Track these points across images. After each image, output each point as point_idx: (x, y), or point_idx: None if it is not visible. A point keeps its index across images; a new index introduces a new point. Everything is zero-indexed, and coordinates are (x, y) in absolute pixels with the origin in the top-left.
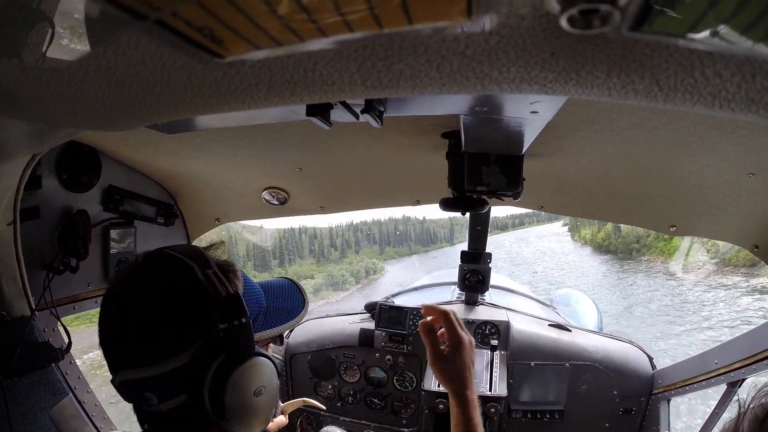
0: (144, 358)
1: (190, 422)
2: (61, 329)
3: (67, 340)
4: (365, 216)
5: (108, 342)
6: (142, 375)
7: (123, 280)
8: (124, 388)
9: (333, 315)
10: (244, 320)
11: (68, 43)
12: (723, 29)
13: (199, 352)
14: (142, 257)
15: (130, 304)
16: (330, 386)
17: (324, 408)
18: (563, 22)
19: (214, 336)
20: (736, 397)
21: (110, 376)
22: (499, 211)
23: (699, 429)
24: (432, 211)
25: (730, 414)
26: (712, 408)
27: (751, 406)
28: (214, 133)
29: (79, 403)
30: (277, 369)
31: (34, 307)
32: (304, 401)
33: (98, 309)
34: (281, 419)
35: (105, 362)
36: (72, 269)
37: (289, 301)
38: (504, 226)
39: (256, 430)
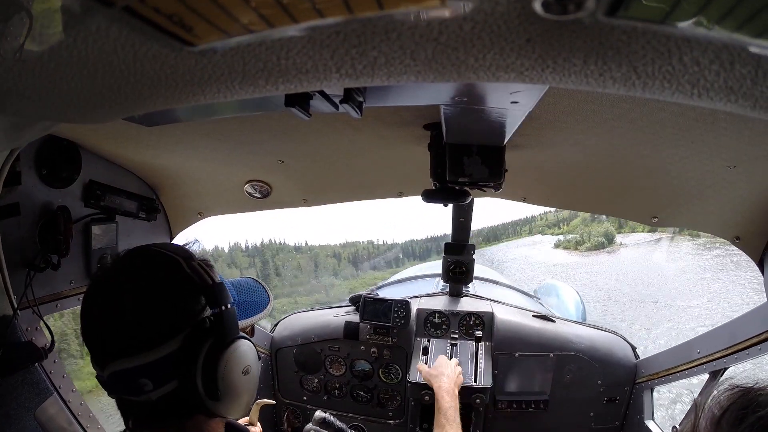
0: (138, 345)
1: (179, 408)
2: (44, 328)
3: (50, 339)
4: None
5: (96, 335)
6: (137, 363)
7: (109, 274)
8: (115, 379)
9: (318, 308)
10: (229, 305)
11: (36, 33)
12: (700, 15)
13: (188, 337)
14: (126, 253)
15: (120, 295)
16: (316, 380)
17: (274, 402)
18: (537, 7)
19: (202, 321)
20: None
21: None
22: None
23: (683, 417)
24: (321, 237)
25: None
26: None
27: (708, 405)
28: (194, 125)
29: (64, 402)
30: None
31: (15, 306)
32: (256, 404)
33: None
34: (255, 429)
35: None
36: (53, 266)
37: (256, 295)
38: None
39: (242, 409)
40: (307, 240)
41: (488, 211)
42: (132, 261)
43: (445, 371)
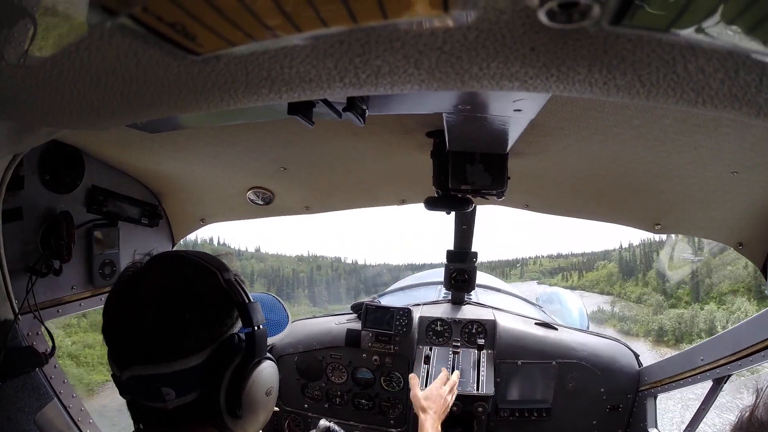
0: (166, 353)
1: (193, 419)
2: (45, 333)
3: (51, 344)
4: None
5: (121, 336)
6: (162, 371)
7: (142, 276)
8: (135, 383)
9: (320, 316)
10: (262, 326)
11: (40, 40)
12: (705, 23)
13: (217, 351)
14: (160, 257)
15: (152, 301)
16: (317, 387)
17: (277, 410)
18: (542, 16)
19: (231, 337)
20: (739, 393)
21: None
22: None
23: (686, 425)
24: None
25: (718, 409)
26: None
27: (766, 391)
28: (197, 132)
29: (64, 407)
30: None
31: (17, 310)
32: None
33: (82, 312)
34: None
35: None
36: (55, 271)
37: (276, 314)
38: None
39: (257, 429)
40: (260, 245)
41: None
42: (167, 266)
43: (434, 406)
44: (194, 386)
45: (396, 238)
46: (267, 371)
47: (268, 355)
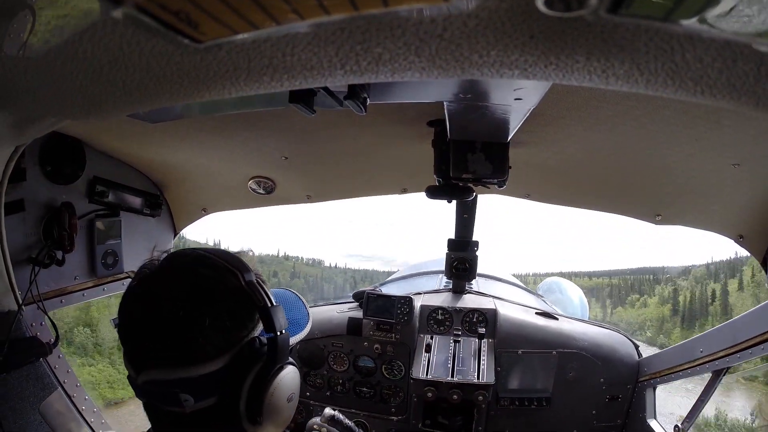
0: (183, 359)
1: (211, 424)
2: (49, 323)
3: (54, 334)
4: None
5: (138, 339)
6: (180, 375)
7: (159, 277)
8: (152, 387)
9: (321, 304)
10: (284, 331)
11: (41, 30)
12: (703, 13)
13: (237, 356)
14: (177, 256)
15: (170, 304)
16: (319, 375)
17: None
18: (541, 5)
19: (252, 341)
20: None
21: None
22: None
23: (685, 416)
24: None
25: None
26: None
27: None
28: (198, 122)
29: (69, 397)
30: None
31: (21, 301)
32: None
33: (86, 302)
34: None
35: None
36: (58, 262)
37: (297, 312)
38: None
39: None
40: (219, 239)
41: None
42: (185, 266)
43: None
44: (213, 392)
45: (393, 237)
46: (289, 377)
47: (290, 359)
